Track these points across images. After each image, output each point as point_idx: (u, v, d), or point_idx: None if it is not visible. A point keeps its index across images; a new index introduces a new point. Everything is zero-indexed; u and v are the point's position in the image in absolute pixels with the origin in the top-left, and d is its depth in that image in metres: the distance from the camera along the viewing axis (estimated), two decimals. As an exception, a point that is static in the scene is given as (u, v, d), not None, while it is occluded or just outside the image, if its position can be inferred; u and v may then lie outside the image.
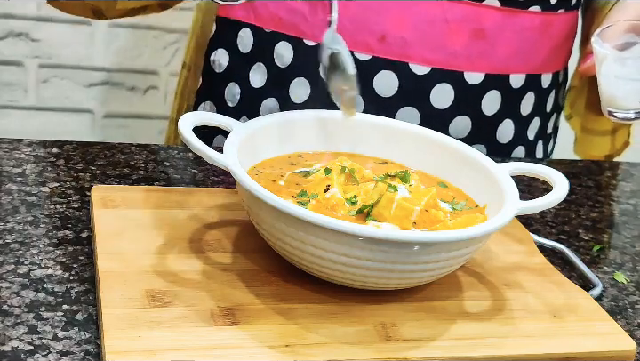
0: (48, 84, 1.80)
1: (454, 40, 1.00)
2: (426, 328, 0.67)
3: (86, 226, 0.77)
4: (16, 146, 0.90)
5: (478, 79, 1.03)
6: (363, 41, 1.00)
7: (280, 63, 1.03)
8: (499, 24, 1.01)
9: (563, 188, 0.74)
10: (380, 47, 0.99)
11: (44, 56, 1.77)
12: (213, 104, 1.09)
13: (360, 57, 1.00)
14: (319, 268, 0.67)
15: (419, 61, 1.00)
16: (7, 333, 0.61)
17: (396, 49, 1.00)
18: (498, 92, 1.05)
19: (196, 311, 0.64)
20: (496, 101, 1.05)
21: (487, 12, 1.00)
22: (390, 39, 0.99)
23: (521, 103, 1.07)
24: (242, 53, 1.06)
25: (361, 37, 0.99)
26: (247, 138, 0.75)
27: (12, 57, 1.76)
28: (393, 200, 0.69)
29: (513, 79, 1.05)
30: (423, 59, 1.00)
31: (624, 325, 0.74)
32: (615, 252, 0.89)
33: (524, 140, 1.10)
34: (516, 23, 1.02)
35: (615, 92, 0.85)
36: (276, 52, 1.03)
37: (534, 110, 1.10)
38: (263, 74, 1.04)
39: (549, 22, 1.05)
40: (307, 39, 1.01)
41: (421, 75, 1.01)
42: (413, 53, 1.00)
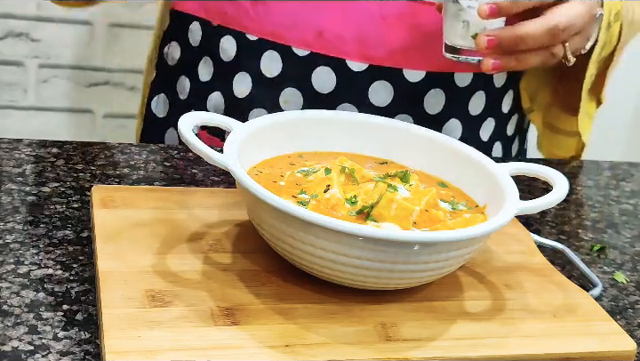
0: (48, 84, 1.80)
1: (391, 36, 0.99)
2: (426, 328, 0.67)
3: (86, 226, 0.77)
4: (16, 146, 0.90)
5: (419, 77, 1.01)
6: (300, 36, 0.99)
7: (224, 57, 1.04)
8: (437, 21, 0.97)
9: (563, 188, 0.74)
10: (318, 43, 0.99)
11: (44, 56, 1.77)
12: (166, 96, 1.10)
13: (298, 52, 1.00)
14: (319, 268, 0.67)
15: (356, 58, 0.99)
16: (7, 333, 0.61)
17: (332, 45, 0.99)
18: (441, 90, 1.02)
19: (196, 311, 0.64)
20: (439, 100, 1.03)
21: (425, 8, 0.98)
22: (327, 35, 0.99)
23: (469, 103, 1.05)
24: (192, 47, 1.07)
25: (298, 33, 0.99)
26: (247, 138, 0.75)
27: (12, 57, 1.76)
28: (393, 200, 0.69)
29: (458, 78, 1.03)
30: (360, 55, 0.99)
31: (624, 325, 0.74)
32: (615, 252, 0.89)
33: (474, 141, 1.07)
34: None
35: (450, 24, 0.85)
36: (221, 47, 1.03)
37: (486, 110, 1.07)
38: (210, 68, 1.05)
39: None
40: (248, 34, 1.01)
41: (358, 72, 1.00)
42: (350, 50, 0.99)
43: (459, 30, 0.85)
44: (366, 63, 1.00)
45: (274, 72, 1.01)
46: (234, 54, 1.03)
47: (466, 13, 0.84)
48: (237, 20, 1.02)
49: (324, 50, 0.99)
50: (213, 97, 1.05)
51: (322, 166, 0.76)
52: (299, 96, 1.01)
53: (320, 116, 0.83)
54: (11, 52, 1.75)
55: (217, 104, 1.05)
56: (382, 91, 1.01)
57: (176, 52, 1.09)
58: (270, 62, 1.01)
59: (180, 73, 1.09)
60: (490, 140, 1.10)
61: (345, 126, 0.83)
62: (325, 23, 0.99)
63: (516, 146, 1.16)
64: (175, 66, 1.09)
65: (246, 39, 1.02)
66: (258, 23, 1.01)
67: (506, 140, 1.12)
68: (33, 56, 1.77)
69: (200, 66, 1.06)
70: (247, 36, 1.02)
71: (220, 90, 1.05)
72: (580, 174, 1.09)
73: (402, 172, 0.75)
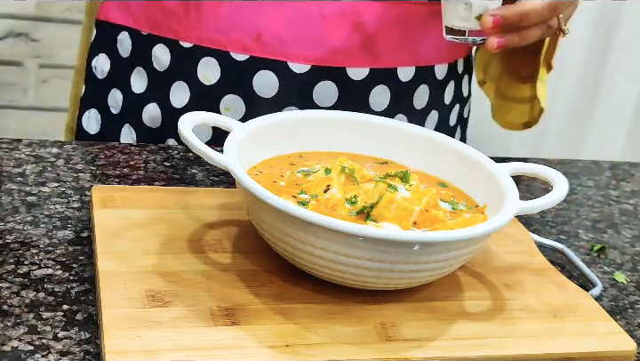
0: (48, 84, 1.80)
1: (332, 35, 0.97)
2: (426, 328, 0.67)
3: (86, 226, 0.77)
4: (16, 146, 0.90)
5: (362, 75, 0.99)
6: (238, 40, 0.97)
7: (158, 67, 1.00)
8: (378, 16, 0.97)
9: (563, 188, 0.74)
10: (257, 46, 0.96)
11: (44, 56, 1.77)
12: (97, 111, 1.06)
13: (236, 57, 0.97)
14: (319, 268, 0.67)
15: (297, 59, 0.97)
16: (7, 333, 0.61)
17: (272, 48, 0.97)
18: (385, 86, 1.01)
19: (196, 311, 0.64)
20: (384, 97, 1.02)
21: (365, 4, 0.96)
22: (266, 38, 0.96)
23: (413, 97, 1.04)
24: (122, 58, 1.03)
25: (236, 37, 0.96)
26: (247, 138, 0.75)
27: (12, 57, 1.76)
28: (393, 200, 0.69)
29: (401, 73, 1.02)
30: (302, 56, 0.97)
31: (624, 325, 0.74)
32: (615, 252, 0.89)
33: None
34: (399, 14, 0.99)
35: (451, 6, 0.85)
36: (154, 56, 1.00)
37: (430, 103, 1.06)
38: (144, 78, 1.01)
39: (437, 11, 0.98)
40: (182, 41, 0.98)
41: (301, 73, 0.98)
42: (291, 51, 0.97)
43: (461, 12, 0.85)
44: (308, 64, 0.98)
45: (212, 79, 0.98)
46: (168, 63, 0.99)
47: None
48: (169, 26, 0.98)
49: (264, 53, 0.97)
50: (149, 109, 1.01)
51: (322, 166, 0.76)
52: (240, 102, 0.98)
53: (320, 116, 0.83)
54: (11, 52, 1.75)
55: (153, 116, 1.01)
56: (326, 91, 0.99)
57: (105, 65, 1.04)
58: (207, 69, 0.98)
59: (112, 86, 1.04)
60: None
61: (345, 126, 0.83)
62: (263, 25, 0.96)
63: (458, 135, 1.16)
64: (105, 79, 1.04)
65: (180, 46, 0.98)
66: (191, 29, 0.97)
67: (448, 130, 1.12)
68: (33, 56, 1.77)
69: (132, 77, 1.02)
70: (181, 43, 0.98)
71: (155, 101, 1.01)
72: (580, 174, 1.10)
73: (402, 172, 0.75)
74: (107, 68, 1.04)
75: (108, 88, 1.04)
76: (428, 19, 1.00)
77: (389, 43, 1.00)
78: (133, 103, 1.03)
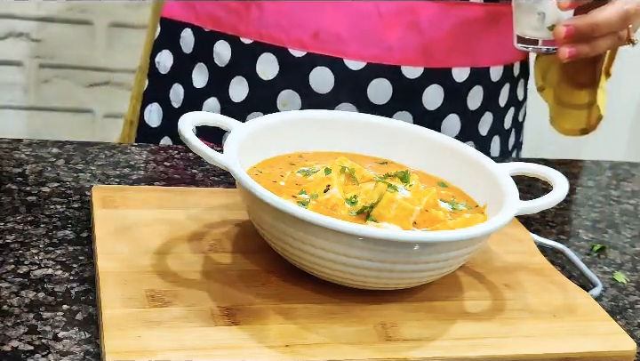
0: (48, 84, 1.80)
1: (389, 34, 0.99)
2: (426, 328, 0.67)
3: (86, 226, 0.77)
4: (16, 146, 0.90)
5: (417, 73, 1.01)
6: (296, 38, 0.99)
7: (219, 62, 1.03)
8: (435, 17, 0.99)
9: (563, 188, 0.74)
10: (314, 43, 0.99)
11: (45, 56, 1.77)
12: (159, 105, 1.09)
13: (295, 54, 1.00)
14: (319, 268, 0.67)
15: (354, 57, 1.00)
16: (7, 333, 0.61)
17: (330, 45, 0.99)
18: (439, 86, 1.03)
19: (196, 311, 0.64)
20: (438, 96, 1.03)
21: (423, 5, 0.99)
22: (324, 35, 0.99)
23: (467, 98, 1.05)
24: (184, 54, 1.06)
25: (295, 34, 0.99)
26: (247, 138, 0.75)
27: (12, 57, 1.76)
28: (393, 200, 0.69)
29: (455, 73, 1.03)
30: (358, 54, 0.99)
31: (624, 325, 0.74)
32: (615, 252, 0.89)
33: (473, 136, 1.08)
34: (456, 15, 1.00)
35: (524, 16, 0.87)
36: (216, 51, 1.03)
37: (484, 105, 1.08)
38: (204, 74, 1.05)
39: (495, 13, 1.03)
40: (242, 37, 1.01)
41: (357, 70, 1.00)
42: (348, 49, 0.99)
43: (533, 22, 0.87)
44: (364, 62, 1.00)
45: (270, 75, 1.01)
46: (228, 59, 1.03)
47: (542, 5, 0.86)
48: (230, 24, 1.02)
49: (321, 50, 1.00)
50: (209, 103, 1.05)
51: (322, 166, 0.76)
52: (296, 97, 1.01)
53: (320, 116, 0.83)
54: (11, 52, 1.75)
55: (213, 110, 1.04)
56: (381, 88, 1.01)
57: (168, 60, 1.08)
58: (266, 65, 1.01)
59: (174, 81, 1.08)
60: (488, 135, 1.10)
61: (345, 126, 0.83)
62: (322, 23, 0.99)
63: (512, 139, 1.17)
64: (168, 74, 1.08)
65: (241, 43, 1.02)
66: (252, 26, 1.01)
67: (503, 133, 1.13)
68: (33, 56, 1.77)
69: (194, 72, 1.05)
70: (241, 39, 1.01)
71: (215, 95, 1.04)
72: (580, 174, 1.09)
73: (402, 172, 0.75)
74: (169, 63, 1.08)
75: (170, 83, 1.08)
76: (485, 21, 1.03)
77: (445, 43, 1.01)
78: (194, 97, 1.06)
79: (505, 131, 1.13)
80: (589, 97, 1.11)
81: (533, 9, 0.86)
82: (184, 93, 1.07)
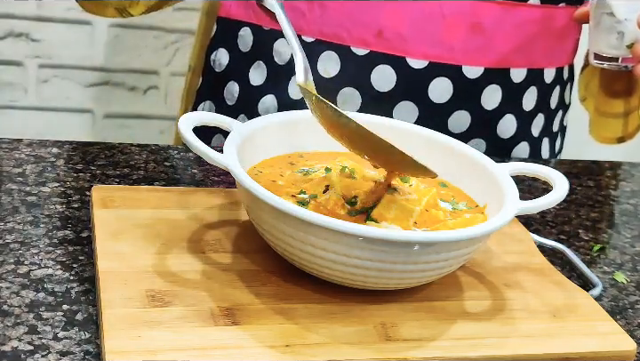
0: (48, 84, 1.80)
1: (452, 35, 1.00)
2: (426, 328, 0.67)
3: (86, 226, 0.77)
4: (16, 146, 0.90)
5: (477, 73, 1.03)
6: (359, 36, 1.00)
7: (279, 60, 1.04)
8: (497, 18, 1.01)
9: (563, 188, 0.74)
10: (377, 42, 1.00)
11: (44, 56, 1.77)
12: (213, 103, 1.10)
13: (357, 52, 1.01)
14: (319, 268, 0.67)
15: (416, 56, 1.01)
16: (7, 333, 0.61)
17: (393, 44, 1.00)
18: (498, 86, 1.04)
19: (196, 311, 0.64)
20: (496, 96, 1.05)
21: (485, 6, 1.00)
22: (387, 34, 1.00)
23: (523, 98, 1.07)
24: (242, 52, 1.07)
25: (358, 33, 1.00)
26: (247, 138, 0.75)
27: (11, 57, 1.76)
28: (393, 200, 0.69)
29: (514, 73, 1.05)
30: (421, 53, 1.01)
31: (624, 325, 0.74)
32: (615, 252, 0.89)
33: (527, 137, 1.10)
34: (516, 17, 1.02)
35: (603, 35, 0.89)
36: (275, 50, 1.04)
37: (537, 106, 1.09)
38: (263, 72, 1.05)
39: (550, 16, 1.04)
40: (304, 35, 1.02)
41: (419, 69, 1.01)
42: (411, 48, 1.00)
43: (612, 41, 0.89)
44: (426, 60, 1.01)
45: (331, 72, 1.02)
46: (289, 57, 1.03)
47: (622, 25, 0.88)
48: (292, 22, 1.02)
49: (384, 48, 1.00)
50: (266, 100, 1.05)
51: (322, 166, 0.76)
52: (357, 96, 1.02)
53: (320, 116, 0.83)
54: (11, 52, 1.75)
55: (269, 108, 1.05)
56: (442, 87, 1.02)
57: (224, 59, 1.09)
58: (327, 63, 1.02)
59: (229, 79, 1.09)
60: (540, 136, 1.12)
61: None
62: (385, 22, 0.99)
63: (558, 142, 1.19)
64: (223, 72, 1.09)
65: (302, 41, 1.02)
66: (314, 25, 1.01)
67: (552, 136, 1.15)
68: (33, 56, 1.77)
69: (252, 70, 1.06)
70: (303, 37, 1.02)
71: (273, 93, 1.05)
72: (580, 174, 1.10)
73: (402, 172, 0.75)
74: (225, 61, 1.09)
75: (225, 81, 1.09)
76: (541, 22, 1.04)
77: (505, 44, 1.03)
78: (250, 95, 1.07)
79: (553, 133, 1.16)
80: (625, 106, 1.14)
81: (613, 28, 0.88)
82: (239, 91, 1.07)
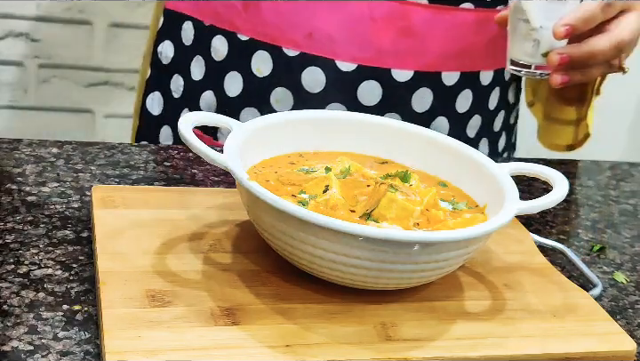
0: (48, 84, 1.80)
1: (381, 37, 1.00)
2: (426, 328, 0.67)
3: (86, 226, 0.77)
4: (16, 146, 0.90)
5: (407, 77, 1.02)
6: (291, 37, 1.00)
7: (216, 57, 1.04)
8: (427, 21, 1.00)
9: (563, 188, 0.74)
10: (308, 43, 1.00)
11: (44, 56, 1.77)
12: (161, 95, 1.11)
13: (289, 53, 1.01)
14: (319, 268, 0.67)
15: (345, 58, 1.00)
16: (7, 333, 0.61)
17: (322, 46, 1.00)
18: (429, 89, 1.03)
19: (196, 311, 0.64)
20: (427, 99, 1.04)
21: (415, 9, 0.99)
22: (317, 36, 1.00)
23: (456, 101, 1.06)
24: (185, 46, 1.08)
25: (289, 34, 1.00)
26: (247, 138, 0.75)
27: (11, 57, 1.76)
28: (394, 200, 0.69)
29: (445, 77, 1.04)
30: (350, 56, 1.00)
31: (624, 325, 0.74)
32: (615, 252, 0.89)
33: (462, 138, 1.07)
34: (447, 20, 1.01)
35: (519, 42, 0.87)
36: (213, 46, 1.04)
37: (473, 108, 1.08)
38: (202, 67, 1.06)
39: (485, 19, 1.03)
40: (240, 34, 1.02)
41: (348, 71, 1.01)
42: (340, 50, 1.00)
43: (528, 49, 0.87)
44: (355, 63, 1.00)
45: (264, 72, 1.02)
46: (225, 54, 1.03)
47: (537, 33, 0.86)
48: (229, 19, 1.03)
49: (314, 50, 1.00)
50: (206, 96, 1.06)
51: (322, 166, 0.76)
52: (289, 95, 1.02)
53: (320, 116, 0.83)
54: (11, 52, 1.75)
55: (209, 103, 1.06)
56: (371, 90, 1.02)
57: (170, 51, 1.09)
58: (261, 62, 1.02)
59: (175, 71, 1.09)
60: (476, 137, 1.11)
61: (345, 126, 0.83)
62: (316, 24, 0.99)
63: (502, 141, 1.17)
64: (169, 64, 1.10)
65: (237, 39, 1.03)
66: (249, 23, 1.01)
67: (493, 135, 1.13)
68: (33, 56, 1.77)
69: (192, 65, 1.07)
70: (238, 35, 1.02)
71: (212, 89, 1.05)
72: (580, 174, 1.10)
73: (402, 172, 0.75)
74: (171, 54, 1.10)
75: (172, 73, 1.10)
76: (475, 26, 1.03)
77: (436, 47, 1.02)
78: (192, 89, 1.07)
79: (494, 133, 1.14)
80: (577, 113, 1.12)
81: (529, 36, 0.86)
82: (183, 85, 1.08)
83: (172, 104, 1.10)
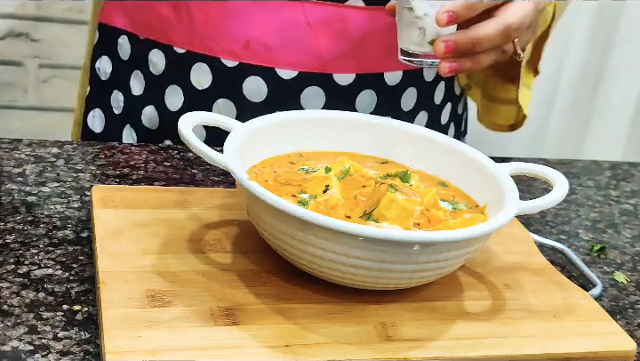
0: (48, 84, 1.80)
1: (318, 42, 0.98)
2: (426, 328, 0.67)
3: (86, 226, 0.77)
4: (16, 146, 0.90)
5: (349, 80, 1.01)
6: (227, 47, 0.98)
7: (154, 71, 1.02)
8: (364, 23, 0.99)
9: (563, 188, 0.74)
10: (245, 53, 0.98)
11: (44, 56, 1.77)
12: (102, 111, 1.08)
13: (227, 63, 0.99)
14: (319, 268, 0.67)
15: (285, 66, 0.99)
16: (7, 333, 0.61)
17: (260, 55, 0.98)
18: (372, 91, 1.02)
19: (196, 311, 0.64)
20: (371, 100, 1.03)
21: (351, 12, 0.98)
22: (254, 45, 0.98)
23: (400, 100, 1.05)
24: (122, 60, 1.05)
25: (225, 44, 0.98)
26: (247, 138, 0.75)
27: (12, 57, 1.76)
28: (394, 200, 0.69)
29: (388, 77, 1.03)
30: (289, 63, 0.99)
31: (624, 325, 0.75)
32: (615, 252, 0.89)
33: None
34: (384, 20, 0.98)
35: (405, 31, 0.85)
36: (150, 60, 1.02)
37: (418, 105, 1.07)
38: (141, 81, 1.04)
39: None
40: (176, 46, 1.00)
41: (288, 79, 0.99)
42: (279, 58, 0.98)
43: (414, 37, 0.85)
44: (296, 70, 0.99)
45: (204, 84, 1.00)
46: (163, 67, 1.01)
47: (422, 21, 0.84)
48: (164, 32, 1.00)
49: (253, 59, 0.98)
50: (147, 111, 1.03)
51: (322, 166, 0.76)
52: (231, 106, 1.00)
53: (320, 116, 0.83)
54: (11, 52, 1.75)
55: (151, 118, 1.03)
56: (314, 96, 1.00)
57: (107, 67, 1.07)
58: (200, 74, 1.00)
59: (114, 87, 1.06)
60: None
61: (345, 126, 0.83)
62: (252, 32, 0.97)
63: (451, 132, 1.16)
64: (108, 80, 1.07)
65: (174, 52, 1.00)
66: (184, 36, 0.99)
67: (439, 128, 1.12)
68: (33, 56, 1.77)
69: (132, 80, 1.04)
70: (175, 48, 1.00)
71: (153, 103, 1.03)
72: (580, 174, 1.10)
73: (402, 172, 0.75)
74: (109, 69, 1.06)
75: (111, 89, 1.07)
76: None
77: (376, 48, 1.00)
78: (133, 105, 1.04)
79: (442, 125, 1.13)
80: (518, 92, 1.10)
81: (414, 24, 0.85)
82: (124, 100, 1.05)
83: (114, 120, 1.07)
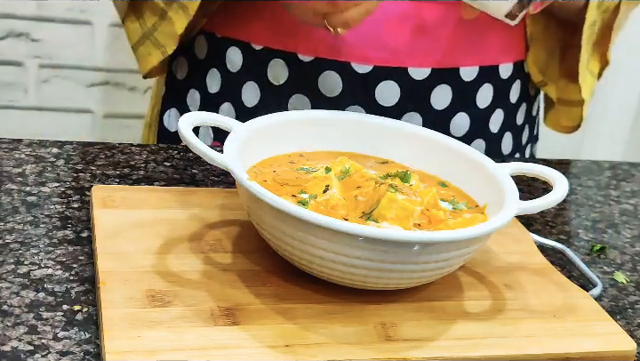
0: (48, 84, 1.80)
1: (395, 37, 1.00)
2: (426, 328, 0.67)
3: (86, 226, 0.77)
4: (16, 146, 0.90)
5: (424, 74, 1.02)
6: (304, 43, 1.00)
7: (232, 68, 1.04)
8: (440, 18, 1.00)
9: (563, 188, 0.74)
10: (322, 48, 1.00)
11: (44, 56, 1.77)
12: (177, 110, 1.10)
13: (303, 59, 1.01)
14: (319, 268, 0.67)
15: (360, 60, 1.00)
16: (7, 333, 0.61)
17: (336, 49, 1.00)
18: (447, 85, 1.03)
19: (196, 311, 0.64)
20: (446, 95, 1.04)
21: (427, 6, 0.99)
22: (331, 40, 0.99)
23: (476, 96, 1.06)
24: (199, 60, 1.07)
25: (303, 39, 1.00)
26: (247, 138, 0.75)
27: (11, 57, 1.76)
28: (394, 200, 0.69)
29: (463, 72, 1.04)
30: (364, 57, 1.00)
31: (624, 325, 0.74)
32: (615, 252, 0.89)
33: (483, 134, 1.08)
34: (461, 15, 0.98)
35: None
36: (228, 58, 1.04)
37: (494, 103, 1.08)
38: (217, 79, 1.06)
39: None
40: (254, 44, 1.02)
41: (364, 73, 1.01)
42: (354, 53, 1.00)
43: None
44: (371, 65, 1.00)
45: (281, 80, 1.02)
46: (240, 64, 1.03)
47: None
48: (242, 30, 1.02)
49: (329, 54, 1.00)
50: (224, 108, 1.05)
51: (322, 166, 0.76)
52: (306, 102, 1.02)
53: (320, 116, 0.83)
54: (11, 52, 1.75)
55: (228, 114, 1.05)
56: (388, 90, 1.01)
57: (184, 67, 1.09)
58: (277, 70, 1.02)
59: (190, 86, 1.09)
60: (500, 131, 1.11)
61: (345, 126, 0.83)
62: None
63: (526, 134, 1.17)
64: (184, 80, 1.09)
65: (251, 49, 1.02)
66: (263, 32, 1.01)
67: (516, 129, 1.13)
68: (33, 56, 1.77)
69: (208, 78, 1.06)
70: (252, 45, 1.02)
71: (229, 100, 1.05)
72: (580, 174, 1.09)
73: (402, 172, 0.75)
74: (185, 69, 1.09)
75: (187, 88, 1.09)
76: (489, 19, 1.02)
77: (452, 43, 1.02)
78: (210, 103, 1.07)
79: (518, 126, 1.14)
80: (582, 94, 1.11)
81: None
82: (200, 99, 1.08)
83: None
